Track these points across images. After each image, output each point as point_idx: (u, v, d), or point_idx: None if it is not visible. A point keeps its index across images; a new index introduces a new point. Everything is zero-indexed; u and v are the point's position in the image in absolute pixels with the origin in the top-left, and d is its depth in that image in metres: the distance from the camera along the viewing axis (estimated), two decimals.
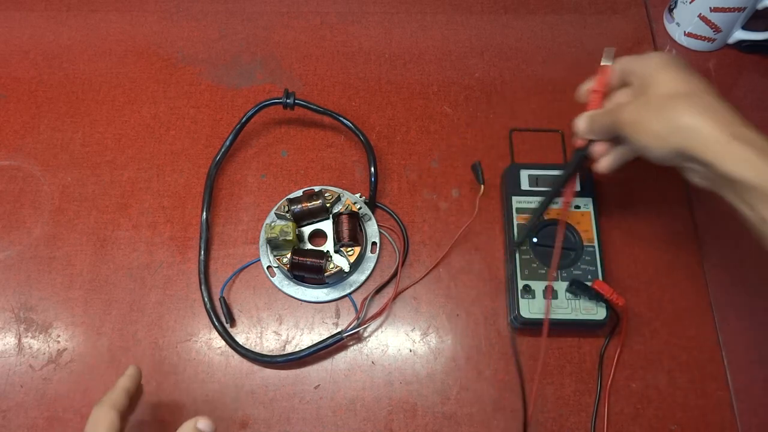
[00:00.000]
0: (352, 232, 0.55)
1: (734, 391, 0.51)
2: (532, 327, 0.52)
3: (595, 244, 0.54)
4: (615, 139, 0.48)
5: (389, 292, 0.55)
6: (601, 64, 0.49)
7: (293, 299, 0.56)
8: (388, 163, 0.62)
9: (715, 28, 0.65)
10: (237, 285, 0.56)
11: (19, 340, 0.54)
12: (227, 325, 0.54)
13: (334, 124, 0.63)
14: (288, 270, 0.54)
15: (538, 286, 0.53)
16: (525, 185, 0.57)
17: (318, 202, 0.56)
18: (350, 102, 0.65)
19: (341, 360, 0.53)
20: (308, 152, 0.62)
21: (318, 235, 0.58)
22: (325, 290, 0.55)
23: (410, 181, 0.61)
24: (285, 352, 0.53)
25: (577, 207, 0.56)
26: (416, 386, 0.52)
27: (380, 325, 0.54)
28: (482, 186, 0.56)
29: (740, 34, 0.66)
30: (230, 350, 0.53)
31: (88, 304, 0.55)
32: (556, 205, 0.55)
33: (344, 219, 0.56)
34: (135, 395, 0.44)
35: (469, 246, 0.57)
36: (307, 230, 0.57)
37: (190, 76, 0.67)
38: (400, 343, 0.54)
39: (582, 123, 0.49)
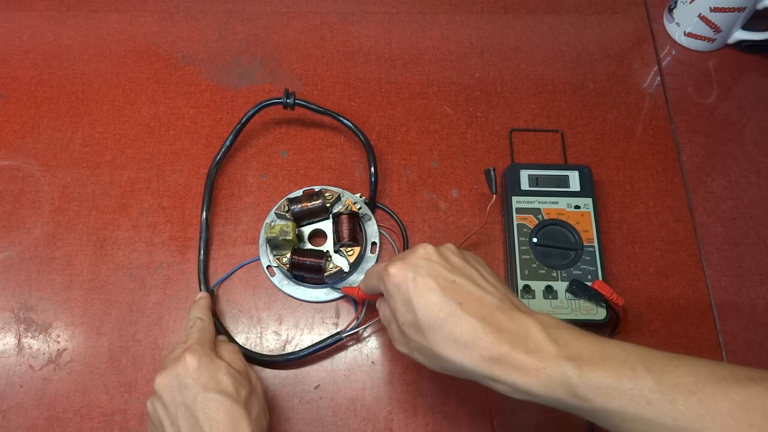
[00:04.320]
0: (352, 232, 0.55)
1: None
2: None
3: (595, 244, 0.54)
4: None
5: None
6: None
7: (293, 299, 0.55)
8: (388, 163, 0.62)
9: (715, 28, 0.65)
10: (237, 285, 0.56)
11: (19, 340, 0.54)
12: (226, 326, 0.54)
13: (334, 124, 0.63)
14: (288, 270, 0.54)
15: (538, 286, 0.53)
16: (525, 185, 0.57)
17: (318, 201, 0.56)
18: (350, 102, 0.65)
19: (341, 360, 0.53)
20: (308, 152, 0.62)
21: (318, 235, 0.58)
22: (325, 290, 0.55)
23: (410, 181, 0.61)
24: (285, 352, 0.53)
25: (577, 207, 0.56)
26: (416, 386, 0.52)
27: (380, 325, 0.54)
28: (494, 195, 0.54)
29: (740, 34, 0.66)
30: None
31: (88, 304, 0.55)
32: (556, 205, 0.56)
33: (344, 219, 0.56)
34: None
35: (468, 246, 0.57)
36: (307, 230, 0.57)
37: (190, 76, 0.67)
38: None
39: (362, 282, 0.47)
